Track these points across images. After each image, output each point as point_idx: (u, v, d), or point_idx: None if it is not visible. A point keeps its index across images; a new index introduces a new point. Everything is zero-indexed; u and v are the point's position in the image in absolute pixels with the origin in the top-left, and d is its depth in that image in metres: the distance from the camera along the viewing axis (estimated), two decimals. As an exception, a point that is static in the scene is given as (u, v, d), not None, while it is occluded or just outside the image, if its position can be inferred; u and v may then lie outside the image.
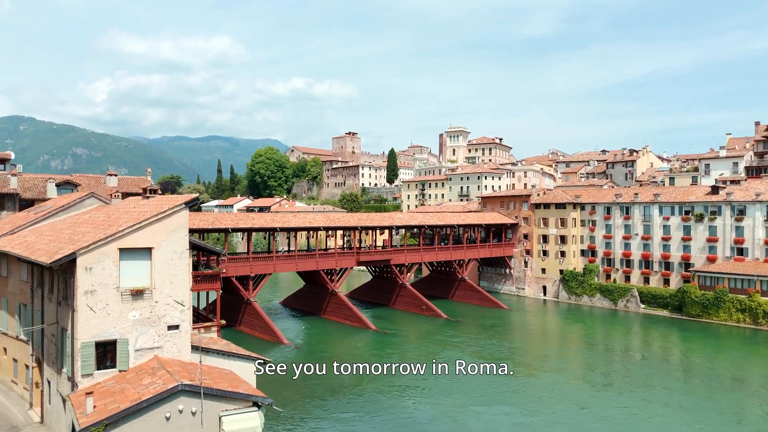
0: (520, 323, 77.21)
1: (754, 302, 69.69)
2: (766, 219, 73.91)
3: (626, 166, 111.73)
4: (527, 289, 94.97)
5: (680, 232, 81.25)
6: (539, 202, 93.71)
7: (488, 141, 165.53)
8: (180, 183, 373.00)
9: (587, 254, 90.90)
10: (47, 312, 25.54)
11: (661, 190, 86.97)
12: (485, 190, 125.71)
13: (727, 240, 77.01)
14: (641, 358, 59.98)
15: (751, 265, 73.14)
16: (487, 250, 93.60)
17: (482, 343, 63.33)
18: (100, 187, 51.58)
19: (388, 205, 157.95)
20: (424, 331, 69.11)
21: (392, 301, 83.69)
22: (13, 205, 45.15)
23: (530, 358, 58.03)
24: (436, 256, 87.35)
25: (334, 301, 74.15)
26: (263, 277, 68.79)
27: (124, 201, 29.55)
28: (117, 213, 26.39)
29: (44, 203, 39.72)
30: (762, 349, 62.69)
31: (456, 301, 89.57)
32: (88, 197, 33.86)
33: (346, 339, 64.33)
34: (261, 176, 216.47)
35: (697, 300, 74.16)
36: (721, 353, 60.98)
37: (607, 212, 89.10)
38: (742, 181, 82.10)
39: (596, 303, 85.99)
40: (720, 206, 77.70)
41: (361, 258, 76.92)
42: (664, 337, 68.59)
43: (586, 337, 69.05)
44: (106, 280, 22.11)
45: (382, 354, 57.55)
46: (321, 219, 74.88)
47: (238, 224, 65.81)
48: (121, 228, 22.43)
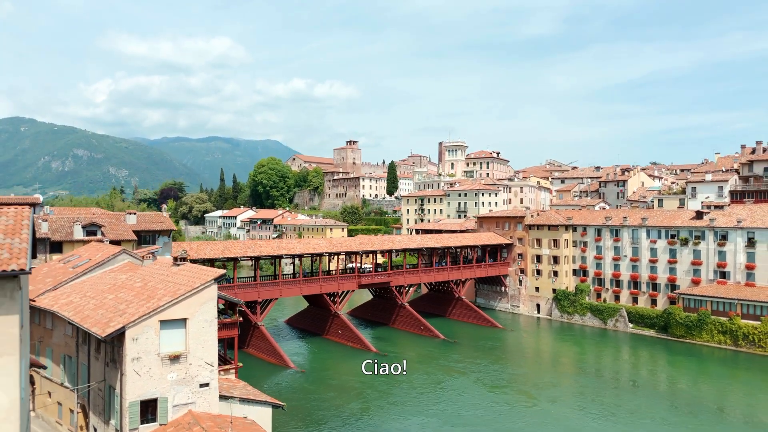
0: (516, 345, 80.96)
1: (734, 325, 73.69)
2: (746, 245, 77.89)
3: (618, 185, 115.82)
4: (522, 306, 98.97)
5: (666, 255, 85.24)
6: (533, 223, 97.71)
7: (486, 155, 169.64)
8: (182, 189, 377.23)
9: (579, 274, 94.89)
10: (93, 368, 29.49)
11: (649, 213, 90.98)
12: (482, 206, 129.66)
13: (710, 264, 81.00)
14: (632, 384, 62.77)
15: (733, 288, 77.14)
16: (482, 269, 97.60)
17: (483, 368, 66.48)
18: (120, 225, 55.62)
19: (388, 218, 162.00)
20: (423, 354, 72.86)
21: (392, 321, 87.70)
22: (44, 248, 49.17)
23: (529, 386, 60.67)
24: (434, 276, 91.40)
25: (336, 323, 78.14)
26: (270, 302, 72.81)
27: (156, 265, 33.48)
28: (152, 280, 30.36)
29: (78, 251, 43.71)
30: (742, 372, 66.34)
31: (453, 319, 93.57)
32: (120, 254, 37.83)
33: (348, 362, 68.21)
34: (263, 186, 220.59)
35: (681, 321, 78.18)
36: (705, 379, 64.01)
37: (598, 234, 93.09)
38: (725, 206, 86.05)
39: (587, 322, 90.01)
40: (704, 231, 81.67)
41: (363, 281, 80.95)
42: (652, 360, 72.22)
43: (579, 362, 72.36)
44: (149, 347, 26.08)
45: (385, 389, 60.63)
46: (324, 245, 78.92)
47: (247, 252, 69.79)
48: (161, 303, 26.41)
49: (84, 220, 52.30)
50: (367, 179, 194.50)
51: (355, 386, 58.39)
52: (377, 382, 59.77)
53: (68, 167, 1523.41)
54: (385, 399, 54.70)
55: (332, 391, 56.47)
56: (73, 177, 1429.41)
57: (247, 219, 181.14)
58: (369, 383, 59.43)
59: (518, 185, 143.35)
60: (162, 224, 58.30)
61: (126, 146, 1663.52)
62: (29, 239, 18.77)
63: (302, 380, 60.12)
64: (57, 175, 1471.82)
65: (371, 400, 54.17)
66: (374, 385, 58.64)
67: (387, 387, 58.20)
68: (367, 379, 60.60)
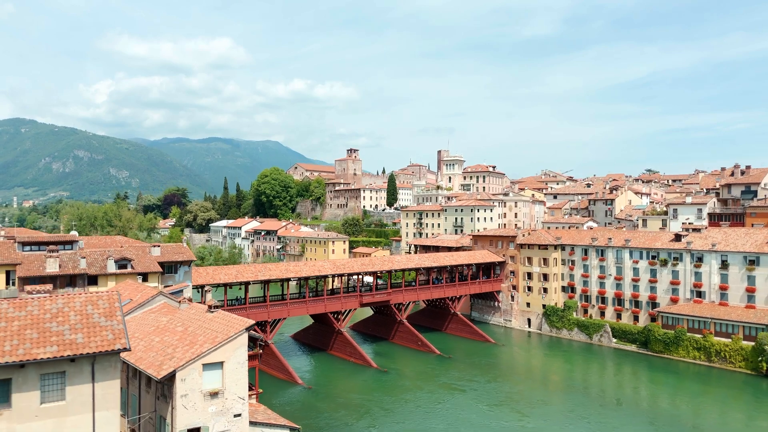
0: (509, 361, 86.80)
1: (708, 342, 79.78)
2: (720, 267, 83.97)
3: (606, 204, 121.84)
4: (513, 321, 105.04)
5: (648, 275, 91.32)
6: (524, 242, 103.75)
7: (482, 169, 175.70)
8: (185, 195, 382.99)
9: (567, 291, 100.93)
10: (144, 400, 35.42)
11: (632, 235, 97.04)
12: (478, 222, 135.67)
13: (687, 284, 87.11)
14: (616, 402, 68.19)
15: (707, 307, 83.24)
16: (477, 286, 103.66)
17: (480, 386, 71.99)
18: (146, 257, 61.63)
19: (388, 230, 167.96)
20: (421, 370, 78.85)
21: (391, 335, 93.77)
22: (83, 282, 55.22)
23: (522, 404, 65.85)
24: (430, 294, 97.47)
25: (340, 340, 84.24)
26: (279, 321, 78.82)
27: (192, 310, 39.43)
28: (192, 325, 36.34)
29: (117, 287, 49.74)
30: (715, 389, 71.78)
31: (449, 333, 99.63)
32: (158, 296, 43.81)
33: (351, 378, 74.26)
34: (267, 196, 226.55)
35: (660, 338, 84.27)
36: (682, 395, 69.23)
37: (585, 253, 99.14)
38: (703, 228, 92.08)
39: (574, 337, 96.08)
40: (682, 253, 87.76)
41: (364, 300, 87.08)
42: (635, 377, 77.97)
43: (568, 379, 77.83)
44: (194, 386, 32.02)
45: (388, 401, 66.44)
46: (328, 267, 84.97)
47: (257, 276, 75.82)
48: (203, 350, 32.38)
49: (115, 254, 58.28)
50: (368, 190, 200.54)
51: (362, 404, 64.31)
52: (383, 400, 65.67)
53: (69, 168, 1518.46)
54: (391, 417, 60.32)
55: (342, 408, 62.30)
56: (73, 178, 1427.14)
57: (251, 230, 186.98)
58: (376, 401, 65.33)
59: (513, 200, 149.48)
60: (183, 255, 64.31)
61: (126, 147, 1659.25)
62: (123, 320, 24.66)
63: (311, 397, 66.12)
64: (58, 176, 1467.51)
65: (378, 418, 59.94)
66: (380, 403, 64.54)
67: (393, 405, 64.11)
68: (374, 397, 66.53)
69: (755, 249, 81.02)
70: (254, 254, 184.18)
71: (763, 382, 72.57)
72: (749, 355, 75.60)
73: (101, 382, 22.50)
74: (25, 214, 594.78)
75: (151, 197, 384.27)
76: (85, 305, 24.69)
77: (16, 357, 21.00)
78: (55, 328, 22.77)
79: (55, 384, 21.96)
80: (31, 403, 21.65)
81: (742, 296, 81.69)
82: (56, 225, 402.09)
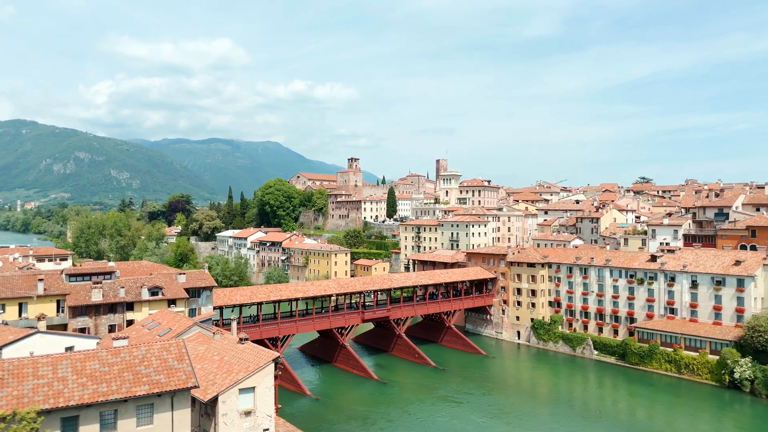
0: (501, 373, 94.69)
1: (678, 356, 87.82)
2: (690, 286, 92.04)
3: (592, 222, 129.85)
4: (504, 333, 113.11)
5: (626, 292, 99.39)
6: (514, 260, 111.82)
7: (478, 183, 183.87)
8: (189, 201, 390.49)
9: (554, 305, 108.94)
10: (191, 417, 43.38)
11: (612, 254, 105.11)
12: (473, 237, 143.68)
13: (661, 301, 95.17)
14: (597, 414, 75.43)
15: (678, 323, 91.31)
16: (470, 300, 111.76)
17: (475, 399, 79.53)
18: (174, 284, 69.65)
19: (388, 242, 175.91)
20: (419, 382, 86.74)
21: (390, 348, 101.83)
22: (122, 308, 63.34)
23: (512, 416, 73.19)
24: (427, 309, 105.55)
25: (343, 353, 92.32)
26: (289, 337, 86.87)
27: (225, 341, 47.33)
28: (227, 355, 44.24)
29: (153, 316, 57.79)
30: (685, 400, 79.07)
31: (444, 345, 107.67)
32: (193, 326, 51.74)
33: (355, 390, 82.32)
34: (271, 206, 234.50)
35: (636, 351, 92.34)
36: (657, 407, 76.51)
37: (570, 271, 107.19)
38: (677, 249, 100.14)
39: (559, 349, 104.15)
40: (656, 273, 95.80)
41: (366, 316, 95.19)
42: (614, 389, 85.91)
43: (554, 391, 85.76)
44: (232, 406, 39.96)
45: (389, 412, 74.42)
46: (333, 286, 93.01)
47: (270, 297, 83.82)
48: (239, 377, 40.35)
49: (148, 283, 66.31)
50: (368, 202, 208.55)
51: (368, 415, 72.14)
52: (388, 412, 73.45)
53: (70, 170, 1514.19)
54: (396, 428, 67.88)
55: (351, 420, 70.10)
56: (74, 180, 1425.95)
57: (257, 240, 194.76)
58: (382, 412, 73.04)
59: (506, 215, 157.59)
60: (205, 281, 72.28)
61: (127, 149, 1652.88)
62: (190, 362, 32.64)
63: (320, 408, 74.10)
64: (59, 177, 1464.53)
65: (385, 429, 67.72)
66: (386, 415, 72.35)
67: (396, 416, 71.87)
68: (379, 409, 74.35)
69: (721, 270, 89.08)
70: (259, 264, 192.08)
71: (726, 393, 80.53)
72: (714, 368, 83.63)
73: (178, 410, 30.38)
74: (30, 218, 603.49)
75: (155, 204, 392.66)
76: (161, 351, 32.56)
77: (122, 394, 28.91)
78: (143, 371, 30.69)
79: (146, 412, 29.86)
80: (130, 427, 29.49)
81: (709, 313, 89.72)
82: (62, 230, 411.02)
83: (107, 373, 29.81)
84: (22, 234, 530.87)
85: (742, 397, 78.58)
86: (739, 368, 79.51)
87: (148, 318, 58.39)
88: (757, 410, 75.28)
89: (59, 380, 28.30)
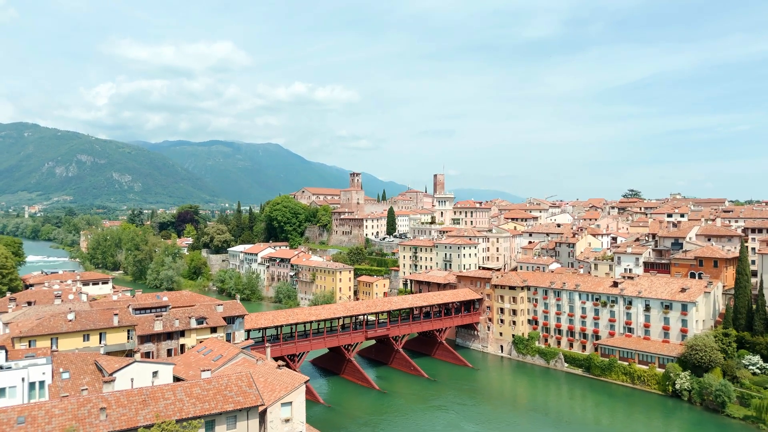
0: (486, 384, 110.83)
1: (632, 369, 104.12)
2: (644, 309, 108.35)
3: (569, 246, 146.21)
4: (489, 347, 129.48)
5: (592, 313, 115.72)
6: (498, 283, 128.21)
7: (470, 205, 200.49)
8: (197, 212, 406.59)
9: (532, 323, 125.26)
10: (243, 423, 59.53)
11: (581, 279, 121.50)
12: (464, 258, 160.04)
13: (621, 321, 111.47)
14: (566, 423, 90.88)
15: (634, 341, 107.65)
16: (459, 318, 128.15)
17: (467, 409, 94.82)
18: (214, 314, 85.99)
19: (388, 260, 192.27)
20: (414, 392, 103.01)
21: (390, 361, 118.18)
22: (177, 335, 79.67)
23: (494, 424, 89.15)
24: (421, 327, 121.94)
25: (350, 366, 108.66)
26: (304, 353, 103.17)
27: (266, 366, 63.45)
28: (270, 377, 60.25)
29: (205, 343, 74.02)
30: (638, 408, 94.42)
31: (436, 358, 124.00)
32: (239, 354, 67.91)
33: (360, 398, 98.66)
34: (278, 222, 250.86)
35: (598, 365, 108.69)
36: (617, 414, 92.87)
37: (545, 294, 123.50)
38: (636, 276, 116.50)
39: (536, 362, 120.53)
40: (617, 297, 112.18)
41: (369, 335, 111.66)
42: (582, 399, 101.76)
43: (531, 401, 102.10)
44: (276, 416, 56.09)
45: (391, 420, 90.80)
46: (341, 309, 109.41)
47: (288, 320, 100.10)
48: (281, 395, 56.45)
49: (195, 314, 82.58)
50: (370, 220, 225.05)
51: (376, 422, 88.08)
52: (393, 419, 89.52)
53: (72, 173, 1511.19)
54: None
55: (362, 427, 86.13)
56: (76, 182, 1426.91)
57: (267, 256, 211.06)
58: (387, 420, 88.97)
59: (495, 236, 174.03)
60: (238, 311, 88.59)
61: (129, 151, 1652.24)
62: (256, 387, 48.88)
63: (332, 415, 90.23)
64: (61, 180, 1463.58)
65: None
66: (391, 422, 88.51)
67: (400, 423, 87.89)
68: (383, 417, 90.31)
69: (669, 296, 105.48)
70: (269, 279, 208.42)
71: (670, 401, 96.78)
72: (660, 380, 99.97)
73: (251, 419, 46.47)
74: (39, 225, 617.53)
75: (165, 214, 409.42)
76: (237, 380, 48.71)
77: (220, 409, 45.06)
78: (228, 394, 46.80)
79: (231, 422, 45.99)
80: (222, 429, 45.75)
81: (659, 333, 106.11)
82: (75, 240, 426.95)
83: (207, 395, 45.88)
84: (32, 241, 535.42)
85: (681, 405, 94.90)
86: (680, 380, 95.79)
87: (201, 345, 74.87)
88: (693, 416, 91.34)
89: (179, 401, 44.45)
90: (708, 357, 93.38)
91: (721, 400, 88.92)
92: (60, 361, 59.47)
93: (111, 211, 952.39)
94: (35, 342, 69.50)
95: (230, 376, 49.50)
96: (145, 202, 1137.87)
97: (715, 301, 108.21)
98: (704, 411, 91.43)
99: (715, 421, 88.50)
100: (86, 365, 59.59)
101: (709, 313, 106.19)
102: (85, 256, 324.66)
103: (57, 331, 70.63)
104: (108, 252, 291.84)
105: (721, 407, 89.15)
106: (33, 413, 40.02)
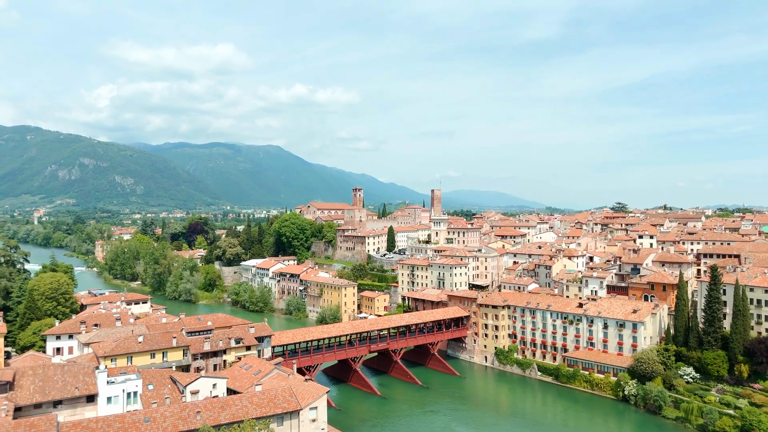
0: (472, 391, 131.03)
1: (592, 378, 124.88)
2: (603, 327, 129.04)
3: (547, 268, 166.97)
4: (475, 357, 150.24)
5: (561, 329, 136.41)
6: (482, 302, 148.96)
7: (462, 226, 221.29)
8: (207, 223, 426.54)
9: (512, 337, 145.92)
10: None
11: (553, 300, 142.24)
12: (455, 276, 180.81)
13: (584, 337, 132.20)
14: (541, 426, 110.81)
15: (594, 354, 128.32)
16: (449, 333, 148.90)
17: (460, 414, 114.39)
18: (248, 334, 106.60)
19: (388, 276, 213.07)
20: (410, 397, 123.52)
21: (390, 370, 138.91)
22: (221, 353, 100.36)
23: (480, 426, 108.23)
24: (416, 340, 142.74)
25: (356, 375, 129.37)
26: (319, 365, 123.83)
27: (296, 379, 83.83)
28: (299, 388, 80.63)
29: (245, 360, 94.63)
30: (597, 412, 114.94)
31: (429, 367, 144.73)
32: (274, 369, 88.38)
33: (365, 403, 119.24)
34: (287, 237, 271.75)
35: (565, 374, 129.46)
36: (580, 417, 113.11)
37: (523, 312, 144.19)
38: (599, 298, 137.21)
39: (514, 370, 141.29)
40: (582, 316, 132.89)
41: (372, 348, 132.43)
42: (553, 405, 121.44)
43: (512, 405, 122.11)
44: (306, 417, 76.00)
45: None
46: (349, 327, 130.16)
47: (306, 338, 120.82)
48: (309, 401, 76.85)
49: (234, 336, 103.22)
50: (371, 237, 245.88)
51: (383, 423, 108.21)
52: (395, 422, 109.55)
53: (74, 176, 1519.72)
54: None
55: (371, 428, 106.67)
56: (79, 185, 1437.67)
57: (277, 271, 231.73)
58: (391, 423, 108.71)
59: (484, 255, 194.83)
60: (266, 331, 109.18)
61: (130, 154, 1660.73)
62: (296, 397, 69.62)
63: (343, 417, 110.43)
64: (64, 183, 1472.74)
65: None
66: (395, 424, 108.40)
67: (402, 425, 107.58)
68: (387, 420, 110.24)
69: (623, 317, 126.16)
70: (280, 292, 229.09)
71: (620, 405, 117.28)
72: (614, 387, 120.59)
73: (293, 420, 66.99)
74: (50, 232, 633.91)
75: (176, 225, 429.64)
76: (282, 392, 69.23)
77: (272, 412, 65.60)
78: (277, 402, 67.27)
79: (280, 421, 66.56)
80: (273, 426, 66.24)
81: (615, 347, 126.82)
82: (90, 249, 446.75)
83: (263, 402, 66.43)
84: (44, 248, 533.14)
85: (629, 408, 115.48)
86: (629, 387, 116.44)
87: (242, 361, 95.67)
88: (638, 418, 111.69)
89: (245, 406, 65.06)
90: (651, 368, 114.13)
91: (659, 404, 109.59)
92: (144, 375, 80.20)
93: (115, 214, 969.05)
94: (116, 360, 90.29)
95: (277, 389, 70.24)
96: (147, 205, 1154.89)
97: (661, 321, 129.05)
98: (646, 413, 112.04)
99: (654, 421, 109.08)
100: (164, 379, 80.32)
101: (656, 331, 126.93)
102: (102, 267, 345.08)
103: (132, 351, 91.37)
104: (127, 264, 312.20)
105: (659, 410, 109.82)
106: (153, 415, 60.64)
